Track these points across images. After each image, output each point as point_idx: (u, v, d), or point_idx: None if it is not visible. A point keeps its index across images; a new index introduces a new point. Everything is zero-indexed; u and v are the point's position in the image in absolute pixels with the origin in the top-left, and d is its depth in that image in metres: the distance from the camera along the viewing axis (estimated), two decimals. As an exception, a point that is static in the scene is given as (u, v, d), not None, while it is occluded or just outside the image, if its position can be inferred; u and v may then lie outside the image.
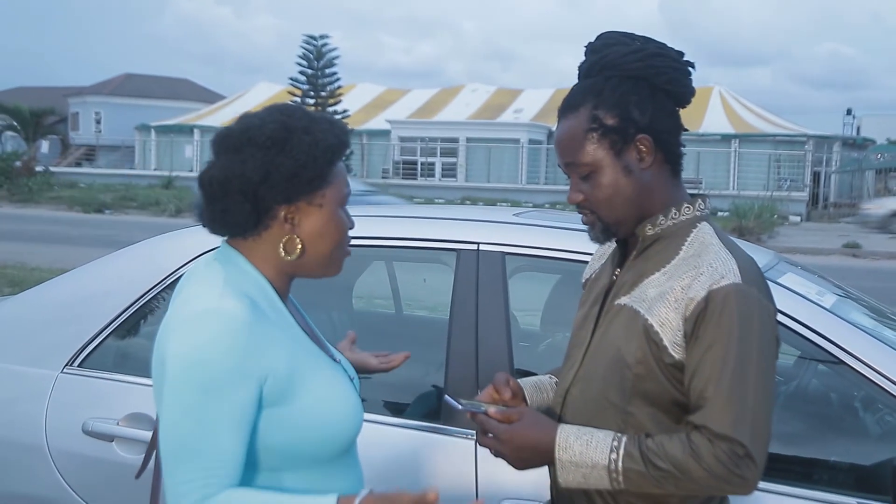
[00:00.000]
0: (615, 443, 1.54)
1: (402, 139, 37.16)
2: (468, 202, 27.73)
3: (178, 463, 1.41)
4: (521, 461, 1.62)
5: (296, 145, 1.49)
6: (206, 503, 1.38)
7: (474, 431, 2.23)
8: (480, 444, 1.68)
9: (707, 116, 36.43)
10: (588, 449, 1.54)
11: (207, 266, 1.55)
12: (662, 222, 1.65)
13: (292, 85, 33.88)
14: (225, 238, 1.59)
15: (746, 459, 1.47)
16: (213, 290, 1.47)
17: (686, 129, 1.71)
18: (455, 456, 2.26)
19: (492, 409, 1.65)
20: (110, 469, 2.44)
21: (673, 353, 1.55)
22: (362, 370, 1.92)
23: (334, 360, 1.65)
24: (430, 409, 2.54)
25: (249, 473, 1.48)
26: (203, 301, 1.46)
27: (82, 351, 2.59)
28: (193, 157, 38.57)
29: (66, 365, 2.58)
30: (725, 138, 34.39)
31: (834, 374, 2.26)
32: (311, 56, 33.49)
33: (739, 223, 20.79)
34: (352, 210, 1.65)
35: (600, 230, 1.68)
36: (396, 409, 2.62)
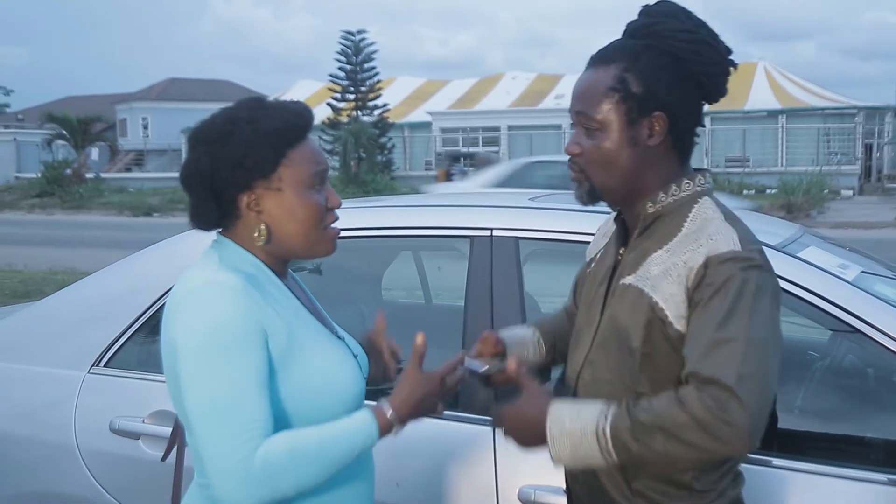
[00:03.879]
0: (606, 408, 1.49)
1: (444, 130, 37.16)
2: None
3: (215, 428, 1.43)
4: (523, 439, 1.60)
5: (238, 135, 1.54)
6: (254, 455, 1.41)
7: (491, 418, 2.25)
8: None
9: (752, 93, 35.78)
10: (578, 416, 1.50)
11: (204, 253, 1.61)
12: (663, 199, 1.62)
13: (332, 81, 34.06)
14: (218, 231, 1.64)
15: (733, 401, 1.37)
16: (207, 269, 1.53)
17: (703, 126, 1.67)
18: (474, 443, 2.25)
19: (493, 370, 1.75)
20: (138, 466, 2.48)
21: (678, 326, 1.52)
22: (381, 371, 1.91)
23: (337, 336, 1.69)
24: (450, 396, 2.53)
25: None
26: (200, 277, 1.51)
27: (108, 351, 2.63)
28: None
29: (93, 365, 2.63)
30: (772, 114, 33.75)
31: (853, 345, 2.21)
32: (350, 52, 33.62)
33: (788, 200, 20.43)
34: (358, 202, 1.66)
35: (587, 191, 1.65)
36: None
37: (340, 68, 33.77)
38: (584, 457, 1.49)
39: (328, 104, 34.15)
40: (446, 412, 2.30)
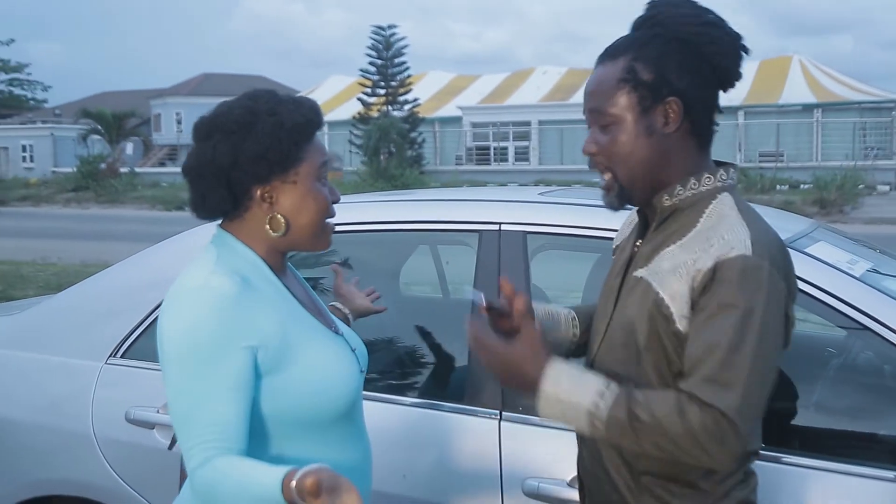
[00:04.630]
0: (605, 389, 1.48)
1: (475, 125, 37.13)
2: (542, 185, 27.57)
3: (181, 430, 1.49)
4: (506, 381, 1.59)
5: (261, 128, 1.55)
6: (204, 467, 1.44)
7: (498, 411, 2.26)
8: (469, 347, 1.63)
9: (787, 87, 35.34)
10: (576, 388, 1.49)
11: (204, 249, 1.63)
12: (681, 193, 1.59)
13: (362, 76, 34.15)
14: (219, 223, 1.66)
15: (731, 431, 1.41)
16: (204, 269, 1.55)
17: (721, 111, 1.63)
18: (479, 435, 2.26)
19: (496, 304, 1.66)
20: (152, 455, 2.53)
21: (680, 326, 1.51)
22: (357, 311, 2.02)
23: (335, 332, 1.71)
24: (455, 389, 2.55)
25: (255, 442, 1.53)
26: (192, 279, 1.54)
27: (125, 342, 2.68)
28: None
29: (110, 356, 2.68)
30: (807, 108, 33.30)
31: (862, 342, 2.19)
32: (380, 47, 33.66)
33: (821, 195, 20.16)
34: (359, 197, 1.69)
35: (615, 194, 1.63)
36: (422, 391, 2.65)
37: (371, 63, 33.83)
38: (569, 422, 1.52)
39: (359, 99, 34.25)
40: (451, 404, 2.35)
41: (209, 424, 1.46)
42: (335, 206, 1.69)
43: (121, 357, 2.67)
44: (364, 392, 1.75)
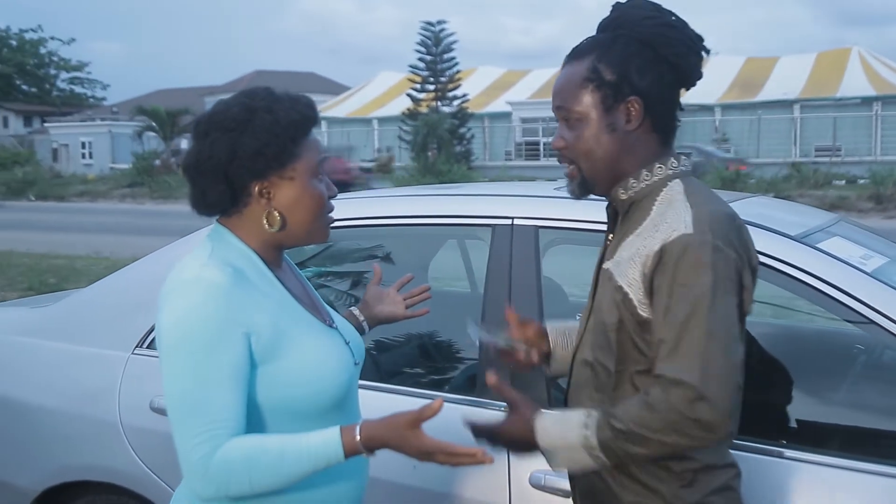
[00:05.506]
0: (586, 419, 1.56)
1: (524, 120, 37.03)
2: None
3: (182, 422, 1.51)
4: (514, 451, 1.71)
5: (258, 125, 1.59)
6: (214, 455, 1.47)
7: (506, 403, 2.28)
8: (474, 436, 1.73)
9: (845, 79, 34.53)
10: (563, 430, 1.58)
11: (200, 243, 1.67)
12: (634, 185, 1.67)
13: (412, 72, 34.30)
14: (216, 218, 1.70)
15: (700, 402, 1.44)
16: (197, 262, 1.59)
17: (682, 109, 1.72)
18: (488, 428, 2.28)
19: (500, 343, 1.78)
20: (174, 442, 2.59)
21: (641, 312, 1.57)
22: (376, 318, 2.05)
23: (329, 325, 1.74)
24: (465, 382, 2.58)
25: (249, 431, 1.56)
26: (186, 272, 1.58)
27: (151, 332, 2.76)
28: (321, 148, 39.71)
29: (137, 346, 2.76)
30: (866, 101, 32.55)
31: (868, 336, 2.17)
32: (430, 42, 33.80)
33: (877, 191, 19.69)
34: (371, 192, 1.72)
35: (578, 184, 1.71)
36: (433, 383, 2.67)
37: (420, 59, 34.00)
38: (579, 464, 1.58)
39: (408, 95, 34.41)
40: (461, 396, 2.37)
41: (211, 412, 1.49)
42: (334, 201, 1.73)
43: (146, 347, 2.75)
44: (375, 384, 1.78)
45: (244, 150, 1.59)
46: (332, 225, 1.75)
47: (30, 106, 56.30)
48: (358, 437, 1.52)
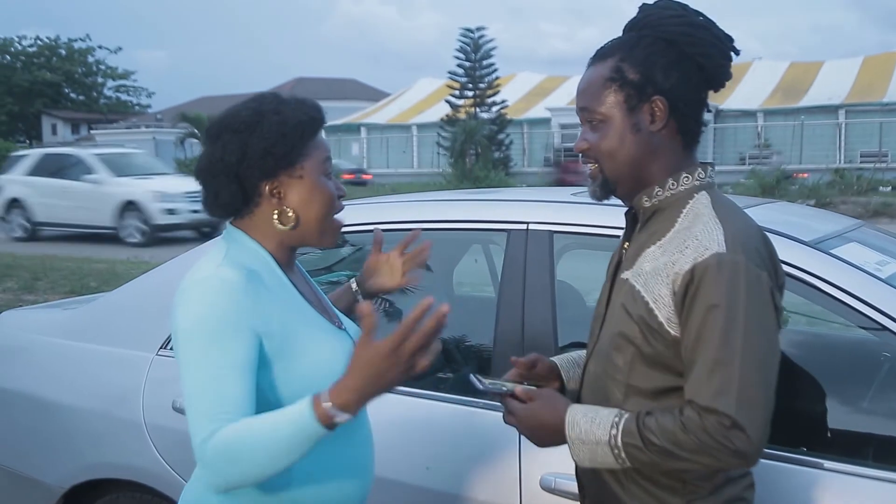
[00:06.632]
0: (616, 419, 1.54)
1: (563, 126, 36.82)
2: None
3: (191, 408, 1.54)
4: (540, 439, 1.68)
5: (266, 126, 1.64)
6: (215, 435, 1.49)
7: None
8: (505, 422, 1.73)
9: (893, 84, 33.85)
10: (592, 426, 1.56)
11: (215, 244, 1.73)
12: (659, 194, 1.64)
13: (451, 78, 34.37)
14: (230, 220, 1.75)
15: (735, 430, 1.43)
16: (212, 263, 1.64)
17: (710, 110, 1.69)
18: (500, 433, 2.28)
19: (518, 389, 1.71)
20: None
21: (669, 329, 1.54)
22: (371, 288, 2.05)
23: (339, 327, 1.78)
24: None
25: None
26: (201, 272, 1.62)
27: (174, 335, 2.82)
28: (360, 155, 39.99)
29: (161, 347, 2.82)
30: (913, 106, 31.87)
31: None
32: (469, 48, 33.83)
33: (923, 198, 19.28)
34: (389, 197, 1.75)
35: (599, 184, 1.69)
36: (445, 386, 2.69)
37: (459, 65, 34.03)
38: (601, 461, 1.57)
39: (447, 101, 34.48)
40: (472, 399, 2.38)
41: (217, 400, 1.52)
42: (344, 202, 1.78)
43: (170, 349, 2.81)
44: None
45: (254, 149, 1.64)
46: (357, 230, 1.79)
47: (77, 114, 57.42)
48: (325, 404, 1.43)
